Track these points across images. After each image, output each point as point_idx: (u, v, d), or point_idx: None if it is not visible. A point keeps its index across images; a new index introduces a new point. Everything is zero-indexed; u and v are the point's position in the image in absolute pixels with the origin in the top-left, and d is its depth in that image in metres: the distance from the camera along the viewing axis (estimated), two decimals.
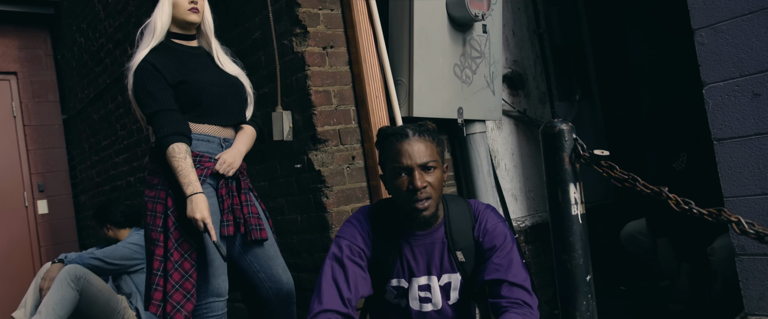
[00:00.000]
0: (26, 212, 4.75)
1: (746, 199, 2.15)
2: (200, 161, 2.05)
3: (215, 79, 2.14)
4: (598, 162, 1.50)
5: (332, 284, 1.58)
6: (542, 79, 3.23)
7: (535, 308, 1.58)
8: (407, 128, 1.58)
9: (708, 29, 2.23)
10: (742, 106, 2.15)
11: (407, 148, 1.54)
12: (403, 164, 1.54)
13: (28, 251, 4.69)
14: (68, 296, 3.10)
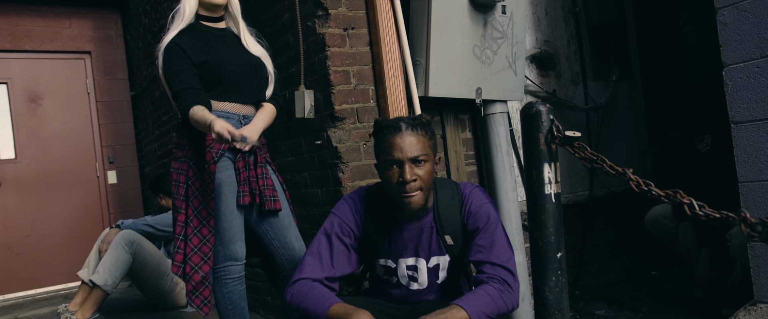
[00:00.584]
0: (97, 181, 5.17)
1: (762, 184, 2.09)
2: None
3: (237, 60, 2.28)
4: (570, 143, 1.53)
5: (316, 256, 1.70)
6: (576, 59, 3.19)
7: (515, 289, 1.62)
8: (401, 122, 1.64)
9: (731, 8, 2.16)
10: (761, 88, 2.08)
11: (399, 142, 1.61)
12: (395, 157, 1.61)
13: (98, 217, 5.12)
14: (122, 258, 3.39)
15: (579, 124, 3.17)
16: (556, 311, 1.58)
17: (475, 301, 1.54)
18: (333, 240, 1.72)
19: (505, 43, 2.67)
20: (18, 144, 4.90)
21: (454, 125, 2.74)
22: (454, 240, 1.73)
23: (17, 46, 4.90)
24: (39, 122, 4.98)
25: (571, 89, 3.16)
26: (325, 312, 1.55)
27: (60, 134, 5.05)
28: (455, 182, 1.82)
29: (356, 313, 1.52)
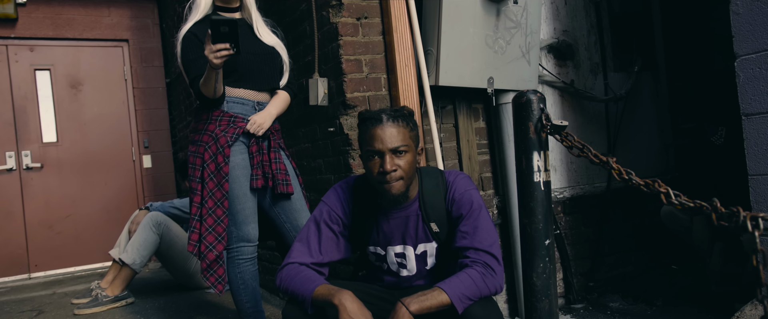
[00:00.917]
0: (133, 165, 5.37)
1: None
2: (234, 121, 2.30)
3: (252, 48, 2.36)
4: (559, 132, 1.54)
5: (305, 242, 1.77)
6: (596, 49, 3.16)
7: (498, 273, 1.65)
8: (383, 113, 1.69)
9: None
10: None
11: (380, 133, 1.66)
12: (376, 148, 1.66)
13: (133, 199, 5.32)
14: (150, 239, 3.54)
15: (598, 115, 3.15)
16: (543, 297, 1.60)
17: (456, 284, 1.59)
18: (321, 227, 1.78)
19: (518, 32, 2.67)
20: (59, 128, 5.14)
21: (467, 114, 2.76)
22: (439, 227, 1.77)
23: (60, 34, 5.12)
24: (79, 107, 5.21)
25: (591, 80, 3.14)
26: (311, 293, 1.62)
27: (99, 119, 5.26)
28: (440, 170, 1.85)
29: (338, 293, 1.58)
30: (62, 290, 4.23)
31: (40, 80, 5.13)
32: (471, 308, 1.59)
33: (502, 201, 2.80)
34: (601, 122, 3.15)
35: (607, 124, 3.14)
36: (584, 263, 3.04)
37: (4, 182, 4.93)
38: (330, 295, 1.60)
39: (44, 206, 5.04)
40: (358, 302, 1.59)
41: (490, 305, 1.66)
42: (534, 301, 1.61)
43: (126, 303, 3.50)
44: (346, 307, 1.57)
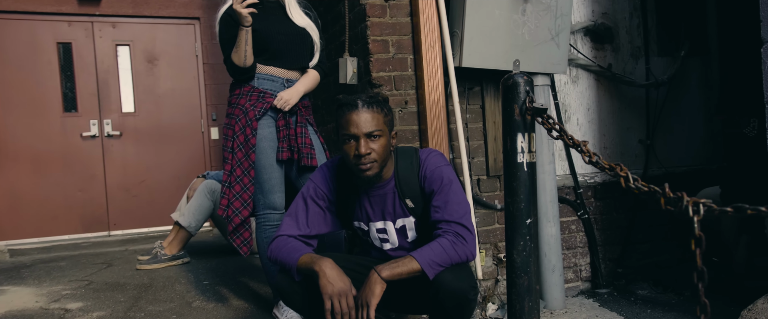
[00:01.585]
0: (202, 136, 5.73)
1: None
2: (263, 97, 2.47)
3: (283, 29, 2.52)
4: (540, 114, 1.58)
5: (294, 217, 1.92)
6: (638, 33, 3.09)
7: (469, 241, 1.73)
8: (358, 99, 1.79)
9: None
10: None
11: (355, 118, 1.76)
12: (351, 132, 1.77)
13: (201, 168, 5.69)
14: (204, 205, 3.82)
15: (637, 100, 3.08)
16: (522, 273, 1.66)
17: (427, 252, 1.69)
18: (309, 203, 1.92)
19: (548, 15, 2.67)
20: (137, 99, 5.55)
21: (495, 96, 2.80)
22: (414, 203, 1.87)
23: (138, 12, 5.51)
24: (154, 81, 5.60)
25: (631, 64, 3.07)
26: (296, 262, 1.78)
27: (172, 92, 5.64)
28: (415, 149, 1.94)
29: (319, 260, 1.72)
30: (133, 248, 4.63)
31: (121, 55, 5.56)
32: (442, 274, 1.69)
33: None
34: (640, 108, 3.09)
35: (647, 111, 3.07)
36: (614, 248, 3.02)
37: (88, 147, 5.41)
38: (312, 262, 1.74)
39: (122, 171, 5.49)
40: (337, 268, 1.72)
41: (462, 271, 1.74)
42: (514, 277, 1.68)
43: (181, 262, 3.80)
44: (325, 273, 1.70)
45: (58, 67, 5.37)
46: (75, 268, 3.80)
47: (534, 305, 1.66)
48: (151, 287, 3.14)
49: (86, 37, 5.46)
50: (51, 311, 2.70)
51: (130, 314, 2.66)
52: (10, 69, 5.20)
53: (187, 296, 2.95)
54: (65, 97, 5.39)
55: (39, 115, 5.28)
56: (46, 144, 5.29)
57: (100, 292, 3.06)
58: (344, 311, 1.68)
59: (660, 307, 2.70)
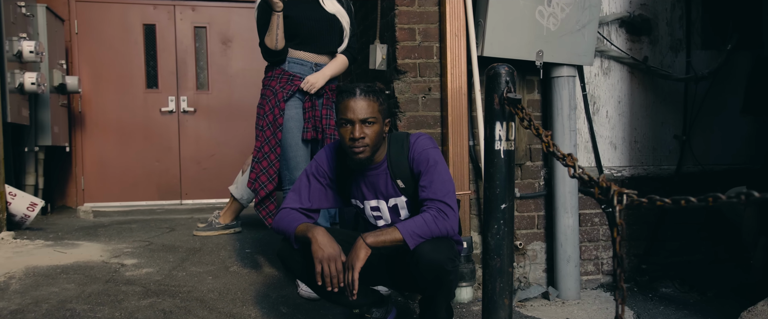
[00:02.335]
0: None
1: None
2: (292, 79, 2.66)
3: (314, 15, 2.69)
4: (514, 104, 1.65)
5: (297, 191, 2.09)
6: (680, 25, 3.01)
7: (450, 217, 1.84)
8: (356, 87, 1.92)
9: None
10: None
11: (352, 105, 1.90)
12: (348, 117, 1.90)
13: None
14: None
15: (674, 94, 3.01)
16: (495, 255, 1.76)
17: (409, 224, 1.82)
18: (311, 180, 2.08)
19: (575, 7, 2.67)
20: (211, 79, 5.95)
21: (520, 84, 2.84)
22: (405, 183, 1.99)
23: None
24: (227, 61, 5.97)
25: (669, 57, 3.00)
26: (293, 231, 1.95)
27: (242, 73, 5.99)
28: (408, 133, 2.04)
29: (312, 229, 1.89)
30: (199, 216, 5.01)
31: (198, 36, 5.96)
32: (421, 245, 1.81)
33: (548, 173, 2.86)
34: (677, 103, 3.02)
35: (684, 106, 3.00)
36: (639, 244, 2.99)
37: (166, 121, 5.87)
38: (306, 230, 1.91)
39: (195, 145, 5.92)
40: (329, 236, 1.88)
41: (441, 244, 1.84)
42: (488, 259, 1.78)
43: (233, 231, 4.10)
44: (317, 239, 1.87)
45: (143, 47, 5.84)
46: (142, 230, 4.19)
47: (505, 286, 1.75)
48: (200, 251, 3.44)
49: (168, 20, 5.90)
50: (109, 264, 3.04)
51: (173, 272, 2.95)
52: (103, 48, 5.73)
53: (227, 261, 3.22)
54: (148, 75, 5.86)
55: (125, 91, 5.79)
56: (130, 117, 5.80)
57: (155, 252, 3.39)
58: (333, 274, 1.85)
59: (675, 305, 2.67)
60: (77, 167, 5.68)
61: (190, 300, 2.50)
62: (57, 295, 2.43)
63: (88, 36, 5.70)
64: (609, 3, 2.92)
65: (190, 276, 2.89)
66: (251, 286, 2.75)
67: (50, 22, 4.88)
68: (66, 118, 5.29)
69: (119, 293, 2.51)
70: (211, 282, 2.78)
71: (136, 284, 2.67)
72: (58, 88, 4.92)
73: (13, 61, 4.11)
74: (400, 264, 1.97)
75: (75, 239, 3.77)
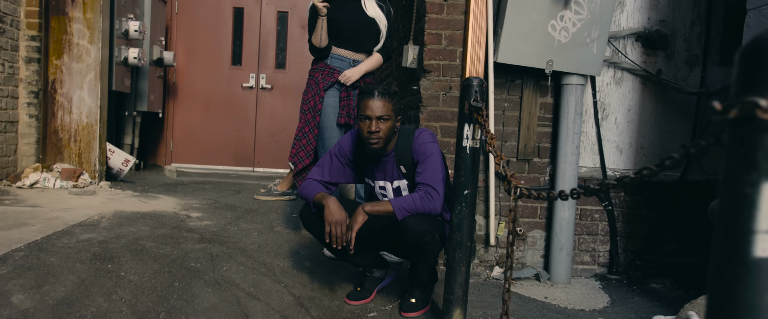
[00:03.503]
0: None
1: None
2: (332, 72, 3.13)
3: (355, 18, 3.13)
4: (476, 111, 2.03)
5: (320, 166, 2.54)
6: (698, 41, 3.19)
7: (435, 199, 2.23)
8: (375, 90, 2.33)
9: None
10: None
11: (371, 104, 2.32)
12: (366, 114, 2.33)
13: None
14: None
15: (686, 107, 3.22)
16: (457, 231, 2.16)
17: (400, 200, 2.25)
18: (333, 159, 2.53)
19: (586, 23, 2.95)
20: (288, 59, 6.55)
21: (533, 90, 3.15)
22: (407, 169, 2.39)
23: None
24: (304, 44, 6.53)
25: (684, 71, 3.20)
26: (312, 198, 2.42)
27: None
28: (415, 127, 2.44)
29: (326, 197, 2.35)
30: (265, 183, 5.64)
31: (281, 20, 6.56)
32: (407, 218, 2.23)
33: (553, 170, 3.17)
34: (687, 114, 3.22)
35: (695, 118, 3.20)
36: (637, 242, 3.25)
37: (245, 96, 6.55)
38: (322, 199, 2.38)
39: (269, 119, 6.57)
40: (338, 204, 2.34)
41: (424, 219, 2.25)
42: (452, 233, 2.18)
43: (287, 199, 4.66)
44: (328, 206, 2.33)
45: (232, 27, 6.53)
46: (213, 191, 4.85)
47: (463, 256, 2.15)
48: (254, 211, 4.02)
49: (255, 4, 6.53)
50: (178, 215, 3.67)
51: (227, 226, 3.53)
52: (197, 28, 6.46)
53: (274, 221, 3.77)
54: (234, 53, 6.55)
55: (213, 66, 6.51)
56: (215, 90, 6.52)
57: (218, 209, 4.00)
58: (338, 234, 2.31)
59: (652, 297, 2.93)
60: (167, 131, 6.48)
61: (234, 249, 3.05)
62: (133, 233, 3.05)
63: (185, 16, 6.44)
64: (627, 18, 3.16)
65: (240, 231, 3.45)
66: (287, 243, 3.27)
67: (154, 4, 5.62)
68: (161, 88, 6.07)
69: (180, 238, 3.10)
70: (255, 237, 3.32)
71: (195, 232, 3.26)
72: (156, 61, 5.67)
73: (121, 39, 4.85)
74: (395, 233, 2.40)
75: (157, 193, 4.47)
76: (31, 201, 3.67)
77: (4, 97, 4.09)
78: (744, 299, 0.66)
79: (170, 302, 2.37)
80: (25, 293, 2.19)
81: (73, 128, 4.42)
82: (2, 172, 4.17)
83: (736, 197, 0.66)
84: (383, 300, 2.70)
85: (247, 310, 2.42)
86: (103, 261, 2.58)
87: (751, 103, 0.63)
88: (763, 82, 0.64)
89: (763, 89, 0.63)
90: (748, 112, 0.63)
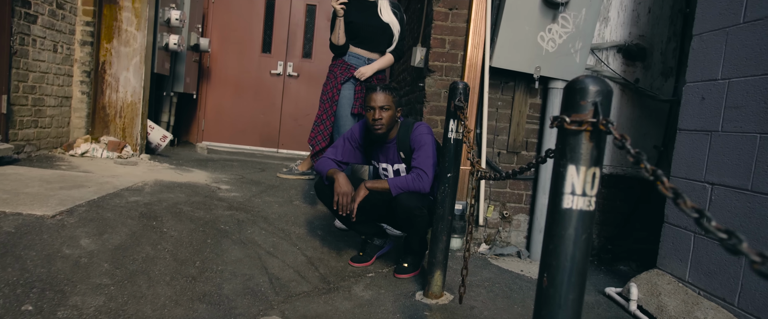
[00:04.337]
0: None
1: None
2: (348, 68, 3.61)
3: (372, 22, 3.60)
4: (459, 109, 2.48)
5: (335, 148, 3.01)
6: (674, 55, 3.59)
7: (424, 180, 2.70)
8: (378, 86, 2.79)
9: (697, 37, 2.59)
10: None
11: (375, 96, 2.79)
12: (371, 105, 2.79)
13: None
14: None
15: (659, 113, 3.62)
16: (440, 206, 2.62)
17: (396, 179, 2.72)
18: (346, 142, 3.01)
19: (571, 36, 3.37)
20: (315, 49, 7.04)
21: (524, 91, 3.59)
22: (405, 155, 2.86)
23: None
24: (328, 35, 6.97)
25: (659, 81, 3.61)
26: (326, 172, 2.90)
27: None
28: (414, 120, 2.90)
29: (337, 173, 2.83)
30: (287, 163, 6.16)
31: (309, 13, 7.04)
32: (401, 194, 2.70)
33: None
34: (661, 119, 3.63)
35: (667, 122, 3.61)
36: (609, 229, 3.68)
37: (273, 82, 7.06)
38: (334, 174, 2.86)
39: (294, 104, 7.07)
40: (346, 179, 2.82)
41: (415, 196, 2.71)
42: (436, 208, 2.65)
43: (307, 178, 5.17)
44: (338, 180, 2.81)
45: (263, 18, 7.03)
46: (240, 168, 5.38)
47: (444, 227, 2.61)
48: (277, 187, 4.53)
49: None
50: (209, 186, 4.19)
51: (252, 198, 4.04)
52: (232, 16, 6.97)
53: (293, 196, 4.27)
54: (264, 42, 7.06)
55: (244, 53, 7.03)
56: (245, 75, 7.04)
57: (244, 184, 4.52)
58: (344, 203, 2.80)
59: (613, 275, 3.38)
60: (200, 112, 7.03)
61: (258, 217, 3.56)
62: (172, 199, 3.58)
63: (221, 5, 6.96)
64: (610, 32, 3.57)
65: (263, 202, 3.97)
66: (303, 215, 3.77)
67: None
68: (196, 72, 6.60)
69: (211, 205, 3.62)
70: (276, 208, 3.83)
71: (224, 201, 3.78)
72: (193, 47, 6.20)
73: (163, 26, 5.38)
74: (392, 208, 2.88)
75: (190, 166, 5.01)
76: (83, 167, 4.23)
77: (61, 76, 4.65)
78: (558, 232, 1.12)
79: (204, 254, 2.88)
80: (90, 239, 2.72)
81: (119, 105, 4.97)
82: (57, 141, 4.74)
83: (557, 173, 1.13)
84: (381, 264, 3.18)
85: (267, 264, 2.93)
86: (149, 219, 3.10)
87: (562, 118, 1.09)
88: (570, 107, 1.09)
89: (569, 111, 1.09)
90: (560, 124, 1.09)
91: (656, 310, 2.54)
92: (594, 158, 1.12)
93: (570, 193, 1.11)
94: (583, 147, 1.11)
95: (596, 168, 1.13)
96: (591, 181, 1.12)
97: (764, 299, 2.05)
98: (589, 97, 1.10)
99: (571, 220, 1.11)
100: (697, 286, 2.46)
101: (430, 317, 2.47)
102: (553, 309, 1.12)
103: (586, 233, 1.12)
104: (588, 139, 1.11)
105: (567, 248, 1.11)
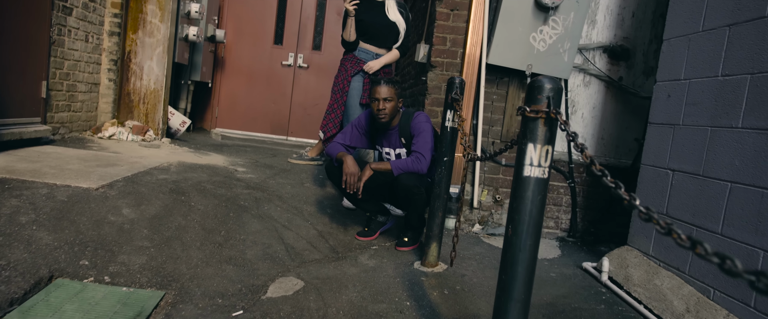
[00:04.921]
0: None
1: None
2: (358, 62, 3.97)
3: (380, 21, 3.96)
4: (454, 101, 2.84)
5: (344, 134, 3.37)
6: (654, 56, 3.94)
7: (422, 162, 3.06)
8: (381, 79, 3.15)
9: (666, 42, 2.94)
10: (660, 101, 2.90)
11: (379, 89, 3.14)
12: (375, 96, 3.15)
13: None
14: None
15: (640, 108, 3.97)
16: (437, 186, 2.98)
17: (397, 161, 3.08)
18: (353, 129, 3.37)
19: (560, 37, 3.73)
20: (324, 42, 7.39)
21: (517, 86, 3.95)
22: (406, 141, 3.22)
23: None
24: (338, 29, 7.37)
25: (641, 79, 3.96)
26: (335, 155, 3.27)
27: None
28: (414, 110, 3.26)
29: (346, 155, 3.19)
30: (297, 150, 6.53)
31: (320, 6, 7.39)
32: (401, 174, 3.07)
33: None
34: (641, 114, 3.98)
35: (646, 117, 3.96)
36: (593, 213, 4.05)
37: (284, 73, 7.42)
38: (342, 156, 3.23)
39: (304, 94, 7.43)
40: (354, 161, 3.18)
41: (414, 176, 3.08)
42: (434, 188, 3.02)
43: (316, 163, 5.53)
44: (346, 162, 3.18)
45: (276, 10, 7.38)
46: (254, 153, 5.76)
47: (440, 205, 2.98)
48: (288, 171, 4.90)
49: None
50: (227, 168, 4.57)
51: (267, 180, 4.42)
52: (245, 9, 7.33)
53: (304, 179, 4.65)
54: (276, 34, 7.41)
55: (257, 45, 7.39)
56: (258, 66, 7.40)
57: (258, 167, 4.89)
58: (351, 182, 3.16)
59: (593, 254, 3.75)
60: (214, 100, 7.41)
61: (272, 195, 3.93)
62: (195, 178, 3.96)
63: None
64: (597, 34, 3.92)
65: (277, 184, 4.34)
66: (313, 195, 4.15)
67: None
68: (211, 62, 6.97)
69: (231, 184, 4.00)
70: (289, 189, 4.21)
71: (242, 181, 4.16)
72: (209, 38, 6.56)
73: (184, 18, 5.74)
74: (393, 187, 3.25)
75: (208, 150, 5.39)
76: (112, 149, 4.62)
77: (91, 63, 5.02)
78: (520, 193, 1.49)
79: (228, 225, 3.26)
80: (130, 209, 3.10)
81: (143, 92, 5.34)
82: (86, 124, 5.12)
83: (519, 150, 1.49)
84: (384, 239, 3.56)
85: (282, 236, 3.30)
86: (178, 194, 3.48)
87: (524, 108, 1.46)
88: (530, 100, 1.46)
89: (530, 103, 1.46)
90: (523, 112, 1.46)
91: (623, 280, 2.91)
92: (547, 138, 1.48)
93: (529, 164, 1.48)
94: (539, 130, 1.47)
95: (549, 146, 1.49)
96: (545, 155, 1.48)
97: (708, 266, 2.42)
98: (544, 93, 1.47)
99: (530, 184, 1.48)
100: (658, 259, 2.83)
101: (426, 281, 2.85)
102: (515, 252, 1.49)
103: (541, 195, 1.49)
104: (543, 124, 1.47)
105: (526, 206, 1.48)
